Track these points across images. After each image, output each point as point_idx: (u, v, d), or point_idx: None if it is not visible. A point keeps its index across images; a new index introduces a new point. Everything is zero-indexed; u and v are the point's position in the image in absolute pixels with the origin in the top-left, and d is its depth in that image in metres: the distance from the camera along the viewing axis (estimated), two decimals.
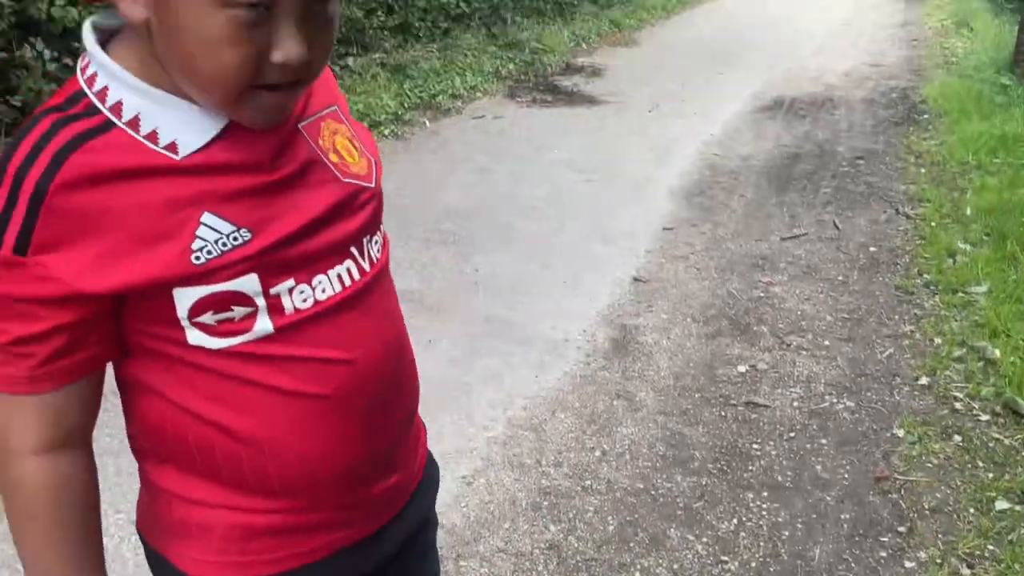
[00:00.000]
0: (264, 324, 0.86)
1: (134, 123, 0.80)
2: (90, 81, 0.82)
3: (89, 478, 0.92)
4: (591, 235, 4.36)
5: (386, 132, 6.39)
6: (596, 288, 3.77)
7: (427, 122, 6.78)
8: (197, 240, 0.81)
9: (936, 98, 6.99)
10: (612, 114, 6.82)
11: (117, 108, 0.80)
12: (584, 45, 9.62)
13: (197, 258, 0.81)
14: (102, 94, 0.81)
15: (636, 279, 3.86)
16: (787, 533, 2.33)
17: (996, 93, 6.66)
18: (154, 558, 0.99)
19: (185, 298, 0.82)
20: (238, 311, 0.84)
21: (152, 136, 0.80)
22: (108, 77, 0.81)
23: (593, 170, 5.34)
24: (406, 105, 6.86)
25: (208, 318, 0.84)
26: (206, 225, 0.81)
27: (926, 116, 6.63)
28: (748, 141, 6.12)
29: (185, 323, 0.84)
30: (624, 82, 7.96)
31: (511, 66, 8.14)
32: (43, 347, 0.81)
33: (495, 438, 2.73)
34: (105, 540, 0.98)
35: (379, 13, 7.51)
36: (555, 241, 4.24)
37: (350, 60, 7.14)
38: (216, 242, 0.81)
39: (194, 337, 0.85)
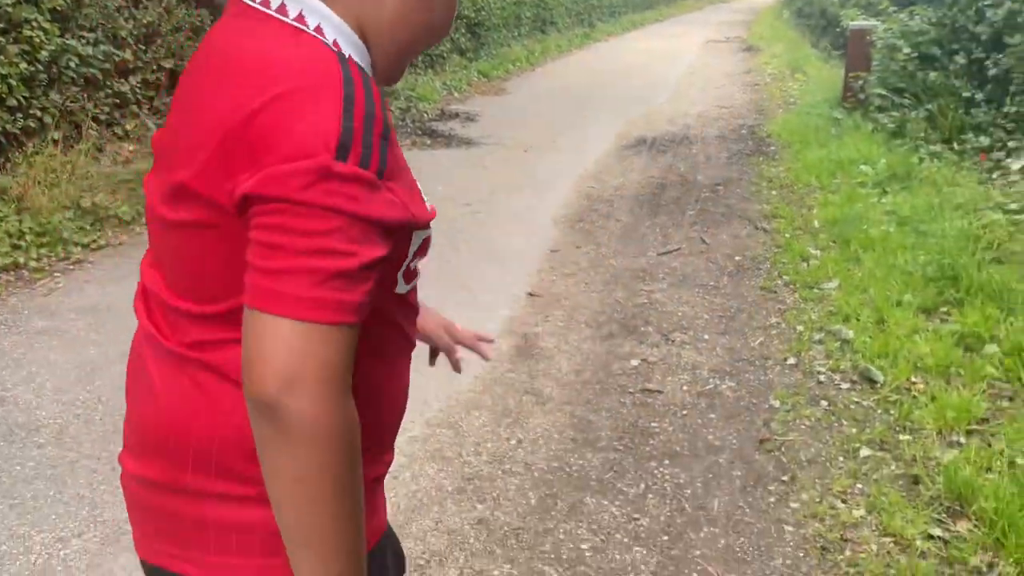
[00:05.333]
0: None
1: None
2: (319, 32, 0.83)
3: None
4: (484, 259, 4.61)
5: None
6: (495, 303, 4.01)
7: None
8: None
9: (780, 132, 7.74)
10: (490, 154, 7.17)
11: (352, 61, 0.83)
12: (456, 93, 10.03)
13: (427, 202, 0.88)
14: (338, 47, 0.84)
15: (531, 294, 4.13)
16: (688, 491, 2.60)
17: (830, 126, 7.44)
18: None
19: (415, 241, 0.87)
20: (422, 258, 0.91)
21: None
22: (336, 32, 0.84)
23: (479, 203, 5.63)
24: None
25: (416, 262, 0.90)
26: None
27: (773, 148, 7.34)
28: (618, 174, 6.58)
29: (404, 268, 0.88)
30: (498, 126, 8.36)
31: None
32: (373, 276, 0.79)
33: (415, 437, 2.89)
34: (31, 557, 1.08)
35: None
36: (451, 265, 4.46)
37: None
38: (424, 193, 0.90)
39: (400, 285, 0.90)
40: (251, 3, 0.86)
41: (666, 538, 2.38)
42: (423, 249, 0.92)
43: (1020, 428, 2.73)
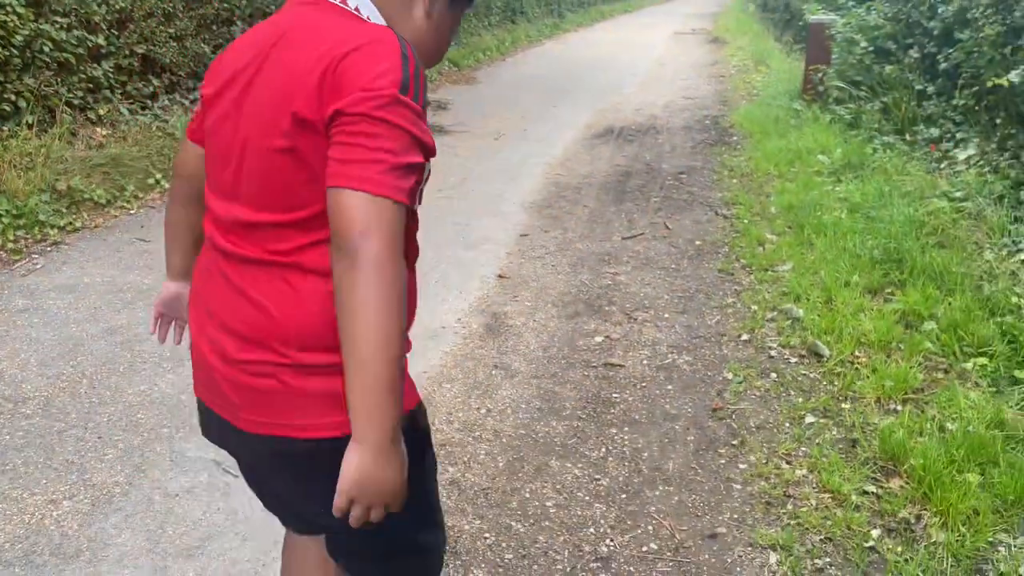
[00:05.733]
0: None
1: None
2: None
3: None
4: (455, 242, 4.77)
5: None
6: (465, 285, 4.17)
7: None
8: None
9: (742, 123, 7.96)
10: (461, 142, 7.31)
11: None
12: (428, 82, 10.12)
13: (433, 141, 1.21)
14: None
15: (500, 276, 4.30)
16: (646, 455, 2.79)
17: (790, 117, 7.68)
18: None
19: (427, 168, 1.21)
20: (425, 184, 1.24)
21: None
22: (367, 13, 1.27)
23: (450, 188, 5.78)
24: None
25: (423, 186, 1.23)
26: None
27: (735, 138, 7.56)
28: (586, 162, 6.76)
29: (419, 189, 1.20)
30: (469, 115, 8.50)
31: None
32: (416, 176, 1.14)
33: None
34: (25, 518, 1.23)
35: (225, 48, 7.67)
36: (424, 247, 4.58)
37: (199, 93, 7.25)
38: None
39: (416, 202, 1.21)
40: None
41: (624, 496, 2.57)
42: (427, 177, 1.23)
43: (951, 396, 2.95)
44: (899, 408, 2.96)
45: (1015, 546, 2.28)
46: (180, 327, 1.68)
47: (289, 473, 1.31)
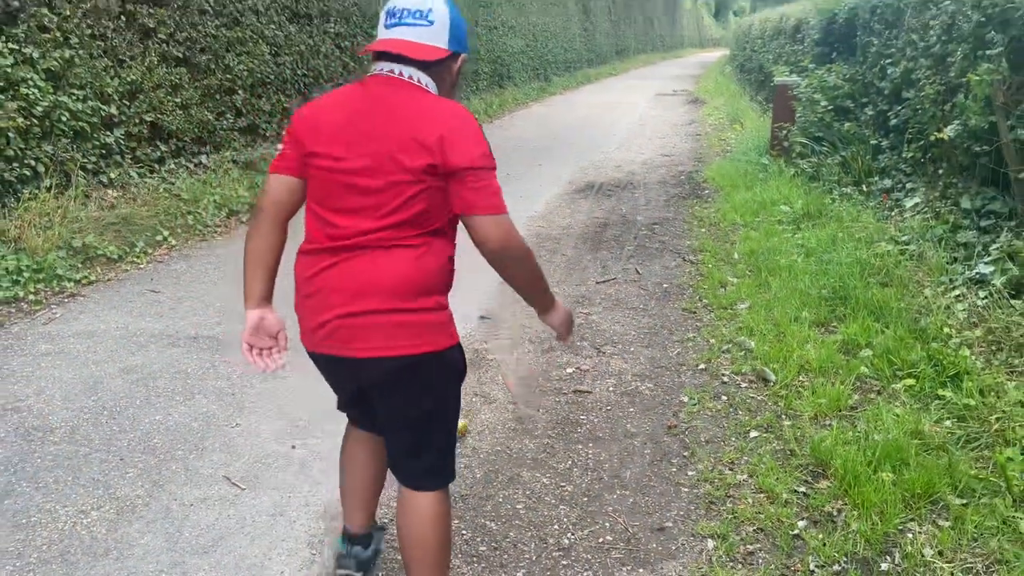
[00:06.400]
0: None
1: None
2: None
3: None
4: None
5: (244, 220, 7.00)
6: None
7: None
8: None
9: (714, 177, 8.47)
10: None
11: None
12: None
13: None
14: None
15: (483, 317, 4.69)
16: (607, 465, 3.15)
17: (758, 171, 8.19)
18: (450, 352, 1.97)
19: None
20: None
21: None
22: (427, 85, 1.94)
23: None
24: None
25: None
26: None
27: (707, 191, 8.05)
28: (566, 215, 7.22)
29: None
30: None
31: None
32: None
33: None
34: (59, 525, 1.59)
35: (228, 116, 8.19)
36: None
37: (203, 158, 7.74)
38: None
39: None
40: (395, 76, 1.90)
41: (586, 499, 2.92)
42: None
43: (878, 413, 3.33)
44: (832, 424, 3.33)
45: (920, 532, 2.63)
46: (274, 351, 2.07)
47: (410, 380, 1.94)
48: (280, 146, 2.00)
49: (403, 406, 2.01)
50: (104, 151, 6.52)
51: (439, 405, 2.05)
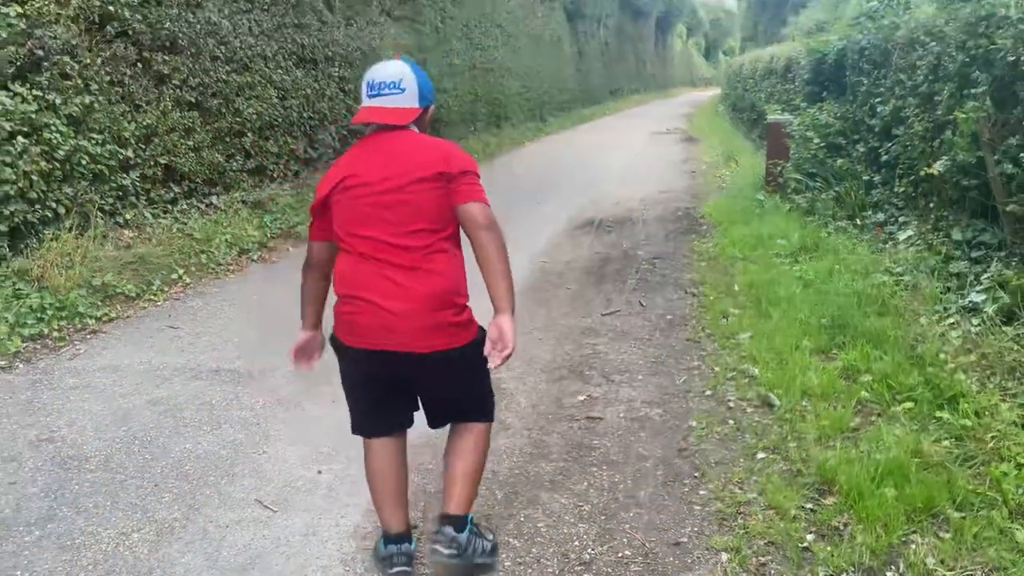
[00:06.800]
0: None
1: None
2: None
3: None
4: None
5: (254, 257, 7.19)
6: None
7: (291, 248, 7.64)
8: None
9: (711, 213, 8.70)
10: None
11: None
12: None
13: None
14: None
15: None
16: (622, 487, 3.29)
17: (755, 207, 8.42)
18: (477, 343, 2.49)
19: None
20: None
21: None
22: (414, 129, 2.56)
23: None
24: (269, 235, 7.73)
25: None
26: None
27: (704, 226, 8.27)
28: (568, 250, 7.42)
29: None
30: None
31: None
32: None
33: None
34: (102, 546, 1.75)
35: (238, 158, 8.41)
36: None
37: (214, 198, 7.94)
38: None
39: None
40: (399, 127, 2.47)
41: (603, 517, 3.06)
42: None
43: (879, 433, 3.48)
44: (836, 444, 3.49)
45: (923, 543, 2.78)
46: (312, 358, 2.76)
47: (449, 370, 2.50)
48: (310, 218, 2.59)
49: (450, 386, 2.60)
50: (120, 192, 6.71)
51: (479, 374, 2.61)
